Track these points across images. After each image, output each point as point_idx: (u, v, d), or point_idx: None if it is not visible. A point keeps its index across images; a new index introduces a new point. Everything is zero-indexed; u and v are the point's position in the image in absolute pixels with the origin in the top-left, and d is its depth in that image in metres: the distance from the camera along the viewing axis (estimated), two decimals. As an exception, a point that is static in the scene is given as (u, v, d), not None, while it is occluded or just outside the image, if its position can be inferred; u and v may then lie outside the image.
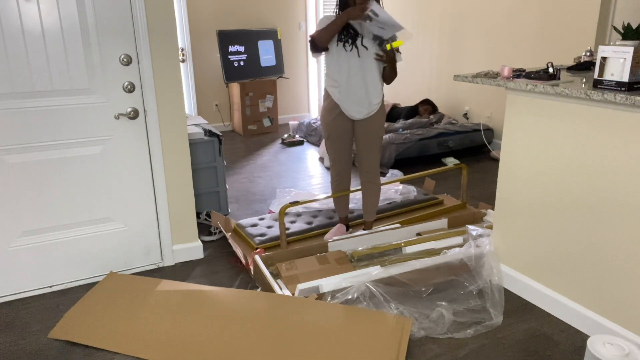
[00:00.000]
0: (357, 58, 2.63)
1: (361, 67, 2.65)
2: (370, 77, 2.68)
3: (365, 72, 2.67)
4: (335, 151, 2.91)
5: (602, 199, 2.01)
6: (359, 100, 2.72)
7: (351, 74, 2.66)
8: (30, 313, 2.40)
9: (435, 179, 4.27)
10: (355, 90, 2.69)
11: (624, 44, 1.93)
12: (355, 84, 2.68)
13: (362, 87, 2.69)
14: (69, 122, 2.45)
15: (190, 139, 3.19)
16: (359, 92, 2.70)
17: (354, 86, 2.68)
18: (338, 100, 2.75)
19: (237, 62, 6.08)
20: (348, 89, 2.70)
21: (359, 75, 2.67)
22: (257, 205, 3.81)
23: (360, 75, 2.67)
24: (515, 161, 2.37)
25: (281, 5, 6.56)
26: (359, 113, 2.75)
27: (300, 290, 2.32)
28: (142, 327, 2.19)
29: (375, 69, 2.68)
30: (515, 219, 2.42)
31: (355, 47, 2.62)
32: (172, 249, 2.85)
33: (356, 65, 2.65)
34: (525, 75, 2.31)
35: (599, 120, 1.97)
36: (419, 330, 2.16)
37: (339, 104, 2.75)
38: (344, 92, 2.71)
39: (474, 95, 5.36)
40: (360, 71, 2.66)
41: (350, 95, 2.71)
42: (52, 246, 2.56)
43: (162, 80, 2.59)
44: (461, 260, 2.53)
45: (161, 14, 2.51)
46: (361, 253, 2.67)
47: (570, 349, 2.07)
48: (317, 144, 5.54)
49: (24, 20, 2.26)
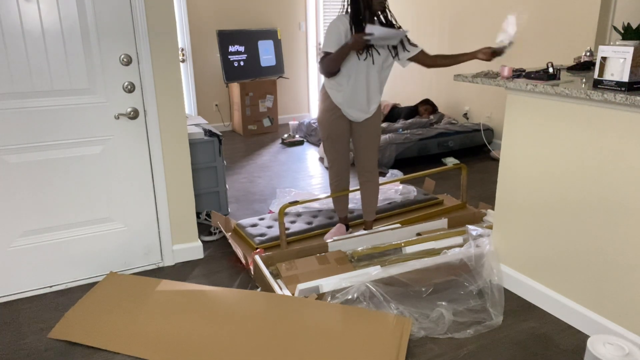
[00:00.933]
0: (365, 66, 2.64)
1: (367, 74, 2.67)
2: (373, 85, 2.71)
3: (370, 80, 2.68)
4: (334, 152, 2.90)
5: (602, 199, 2.01)
6: (360, 106, 2.73)
7: (357, 80, 2.66)
8: (30, 313, 2.40)
9: (435, 179, 4.27)
10: (359, 96, 2.70)
11: (624, 44, 1.93)
12: (360, 90, 2.69)
13: (365, 93, 2.70)
14: (69, 122, 2.45)
15: (190, 139, 3.19)
16: (362, 99, 2.71)
17: (358, 92, 2.69)
18: (339, 103, 2.74)
19: (237, 62, 6.08)
20: (352, 94, 2.70)
21: (364, 82, 2.68)
22: (257, 205, 3.81)
23: (365, 82, 2.68)
24: (515, 161, 2.37)
25: (281, 5, 6.56)
26: (359, 117, 2.78)
27: (300, 290, 2.32)
28: (142, 327, 2.19)
29: (379, 78, 2.71)
30: (515, 219, 2.42)
31: (369, 55, 2.62)
32: (172, 249, 2.85)
33: (364, 72, 2.65)
34: (525, 75, 2.31)
35: (599, 120, 1.97)
36: (419, 330, 2.16)
37: (340, 107, 2.75)
38: (347, 96, 2.71)
39: (474, 95, 5.36)
40: (366, 78, 2.67)
41: (353, 101, 2.72)
42: (52, 246, 2.56)
43: (162, 80, 2.59)
44: (461, 260, 2.53)
45: (161, 14, 2.51)
46: (361, 253, 2.67)
47: (570, 349, 2.07)
48: (317, 144, 5.54)
49: (24, 20, 2.26)
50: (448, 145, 4.85)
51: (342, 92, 2.70)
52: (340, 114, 2.77)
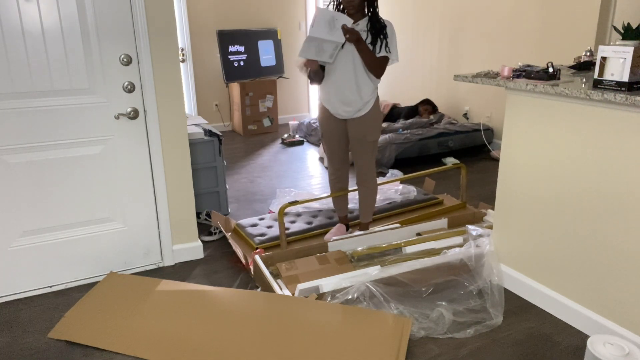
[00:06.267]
0: (337, 62, 2.66)
1: (336, 68, 2.68)
2: (348, 81, 2.68)
3: (342, 73, 2.68)
4: (329, 150, 2.95)
5: (602, 199, 2.01)
6: (342, 100, 2.73)
7: (329, 75, 2.72)
8: (30, 313, 2.40)
9: (435, 178, 4.27)
10: (336, 91, 2.72)
11: (624, 44, 1.93)
12: (335, 84, 2.72)
13: (341, 87, 2.70)
14: (69, 122, 2.45)
15: (190, 139, 3.19)
16: (340, 92, 2.72)
17: (333, 86, 2.72)
18: (322, 99, 2.83)
19: (237, 62, 6.08)
20: (329, 90, 2.75)
21: (338, 77, 2.69)
22: (257, 205, 3.81)
23: (339, 77, 2.69)
24: (515, 161, 2.37)
25: (281, 5, 6.56)
26: (346, 112, 2.76)
27: (300, 290, 2.32)
28: (142, 327, 2.19)
29: (350, 69, 2.66)
30: (515, 219, 2.42)
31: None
32: (172, 249, 2.85)
33: (332, 67, 2.69)
34: (525, 75, 2.30)
35: (599, 120, 1.97)
36: (419, 330, 2.17)
37: (324, 103, 2.82)
38: (325, 92, 2.78)
39: (474, 95, 5.36)
40: (336, 72, 2.69)
41: (331, 96, 2.75)
42: (52, 246, 2.56)
43: (162, 80, 2.59)
44: (461, 260, 2.53)
45: (161, 14, 2.51)
46: (361, 253, 2.67)
47: (570, 349, 2.07)
48: (317, 144, 5.54)
49: (24, 20, 2.26)
50: (448, 145, 4.85)
51: (322, 88, 2.80)
52: (329, 112, 2.81)
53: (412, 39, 6.01)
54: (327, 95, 2.76)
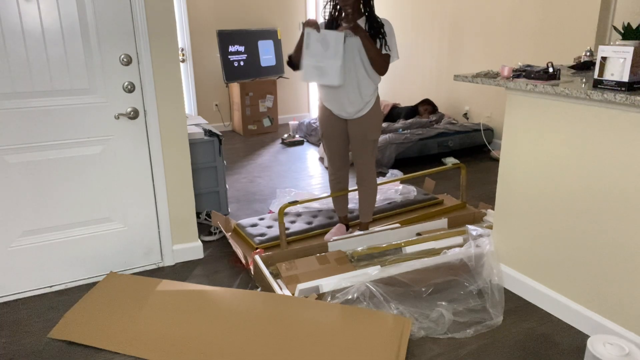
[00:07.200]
0: (342, 83, 2.66)
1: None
2: (348, 78, 2.66)
3: (346, 75, 2.66)
4: (329, 151, 2.95)
5: (602, 199, 2.01)
6: (343, 100, 2.72)
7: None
8: (30, 313, 2.40)
9: (435, 178, 4.27)
10: (337, 91, 2.71)
11: (624, 44, 1.93)
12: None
13: (343, 87, 2.69)
14: (69, 122, 2.45)
15: (190, 139, 3.19)
16: (341, 93, 2.71)
17: (333, 87, 2.71)
18: (322, 99, 2.83)
19: (237, 62, 6.08)
20: (330, 90, 2.74)
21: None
22: (257, 205, 3.81)
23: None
24: (516, 161, 2.37)
25: (281, 5, 6.56)
26: (346, 112, 2.76)
27: (300, 290, 2.32)
28: (142, 327, 2.19)
29: (351, 69, 2.65)
30: (515, 219, 2.42)
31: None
32: (172, 249, 2.85)
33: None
34: (525, 75, 2.30)
35: (599, 120, 1.97)
36: (419, 330, 2.17)
37: (324, 103, 2.82)
38: (324, 91, 2.78)
39: (474, 95, 5.36)
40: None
41: (330, 95, 2.75)
42: (52, 246, 2.56)
43: (162, 80, 2.59)
44: (461, 260, 2.53)
45: (161, 14, 2.51)
46: (361, 253, 2.67)
47: (570, 349, 2.07)
48: (317, 144, 5.54)
49: (24, 20, 2.26)
50: (448, 145, 4.85)
51: (323, 88, 2.79)
52: (329, 112, 2.80)
53: (412, 39, 6.01)
54: (328, 95, 2.76)
